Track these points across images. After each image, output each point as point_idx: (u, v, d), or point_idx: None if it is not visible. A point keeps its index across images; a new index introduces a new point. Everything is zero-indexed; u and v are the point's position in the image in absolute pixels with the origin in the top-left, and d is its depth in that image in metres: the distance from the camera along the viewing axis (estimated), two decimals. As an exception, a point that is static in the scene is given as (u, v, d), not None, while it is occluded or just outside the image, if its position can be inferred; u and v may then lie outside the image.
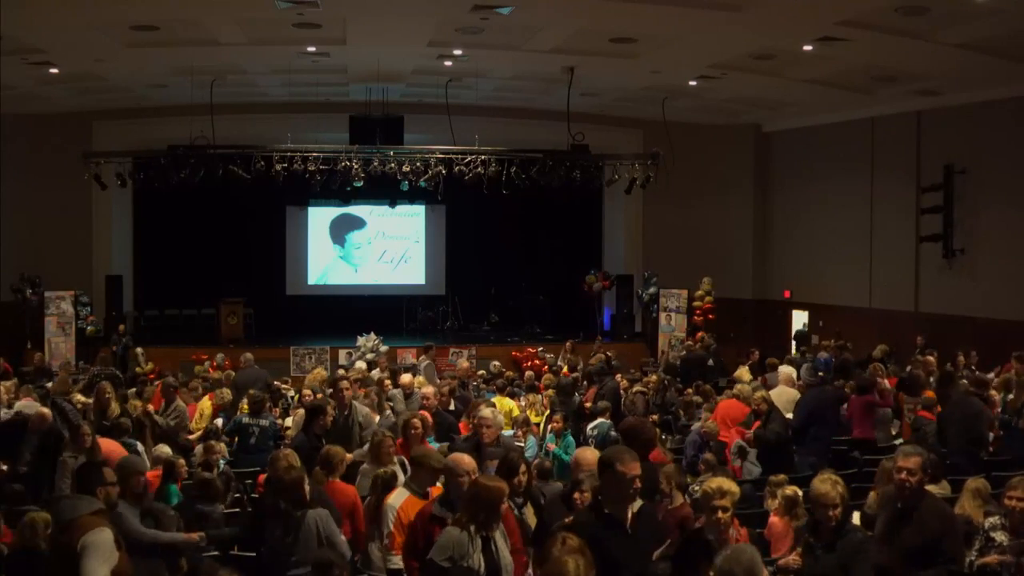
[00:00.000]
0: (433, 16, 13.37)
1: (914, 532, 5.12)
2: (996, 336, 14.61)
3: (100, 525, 4.67)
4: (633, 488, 4.78)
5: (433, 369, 15.19)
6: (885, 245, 18.54)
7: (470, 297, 22.69)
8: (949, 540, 5.17)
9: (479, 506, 4.89)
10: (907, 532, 5.15)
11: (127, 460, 6.53)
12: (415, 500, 5.68)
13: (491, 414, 7.25)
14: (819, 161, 20.10)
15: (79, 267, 19.61)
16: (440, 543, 4.86)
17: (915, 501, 5.20)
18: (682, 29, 13.64)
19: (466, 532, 4.83)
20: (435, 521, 5.16)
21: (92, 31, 13.55)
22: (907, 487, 5.21)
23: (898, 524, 5.23)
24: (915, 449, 5.44)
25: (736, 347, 20.41)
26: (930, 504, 5.30)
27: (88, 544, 4.54)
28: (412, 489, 5.80)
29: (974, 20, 12.39)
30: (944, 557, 5.09)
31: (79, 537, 4.58)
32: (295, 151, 16.80)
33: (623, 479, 4.75)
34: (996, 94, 15.67)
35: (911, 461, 5.23)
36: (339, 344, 18.80)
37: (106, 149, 17.86)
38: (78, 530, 4.62)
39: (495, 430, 7.11)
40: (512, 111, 20.28)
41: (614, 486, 4.80)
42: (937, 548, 5.09)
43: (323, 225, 22.92)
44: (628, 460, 4.80)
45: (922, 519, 5.15)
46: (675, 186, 18.83)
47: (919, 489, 5.25)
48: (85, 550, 4.53)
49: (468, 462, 5.46)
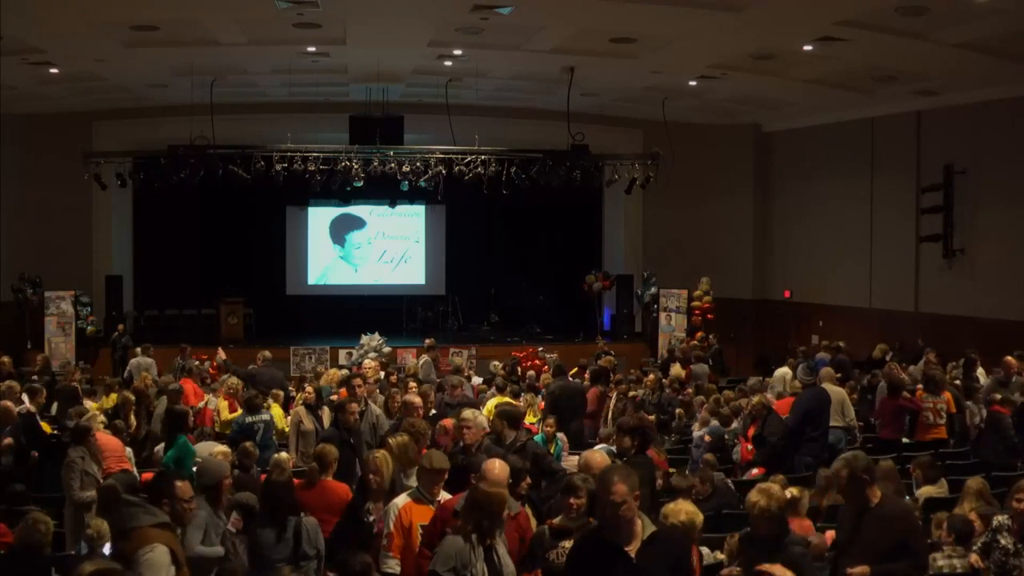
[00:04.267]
0: (433, 16, 13.37)
1: (878, 532, 5.09)
2: (996, 336, 14.60)
3: (157, 540, 4.54)
4: (620, 512, 4.23)
5: (431, 367, 15.12)
6: (885, 245, 18.54)
7: (470, 297, 22.69)
8: (913, 538, 5.15)
9: (482, 513, 4.80)
10: (871, 533, 5.12)
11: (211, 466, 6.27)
12: (417, 504, 5.58)
13: (472, 415, 7.15)
14: (819, 161, 20.10)
15: (79, 267, 19.61)
16: (443, 553, 4.77)
17: (864, 504, 5.18)
18: (682, 29, 13.63)
19: (468, 541, 4.75)
20: (457, 516, 5.07)
21: (92, 31, 13.55)
22: None
23: (861, 526, 5.19)
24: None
25: (736, 347, 20.47)
26: (892, 504, 5.29)
27: (143, 561, 4.46)
28: (416, 493, 5.69)
29: (974, 20, 12.39)
30: (910, 553, 5.06)
31: (135, 549, 4.49)
32: (295, 151, 16.81)
33: (604, 502, 4.28)
34: (996, 94, 15.67)
35: None
36: (339, 344, 18.81)
37: (106, 149, 17.87)
38: (135, 542, 4.53)
39: (476, 431, 6.99)
40: (512, 111, 20.28)
41: (600, 509, 4.37)
42: (904, 547, 5.06)
43: (323, 225, 22.92)
44: (613, 480, 4.27)
45: (886, 519, 5.13)
46: (675, 186, 18.82)
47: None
48: (139, 567, 4.46)
49: (500, 469, 5.32)
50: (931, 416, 10.52)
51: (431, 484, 5.72)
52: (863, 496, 5.18)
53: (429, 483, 5.72)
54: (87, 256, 20.02)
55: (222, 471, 6.06)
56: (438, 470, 5.75)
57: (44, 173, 19.01)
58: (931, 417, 10.52)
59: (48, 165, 18.93)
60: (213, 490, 5.99)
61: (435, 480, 5.74)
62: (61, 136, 18.93)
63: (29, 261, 18.81)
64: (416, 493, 5.70)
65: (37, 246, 19.01)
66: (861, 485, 5.18)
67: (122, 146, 18.05)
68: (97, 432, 8.44)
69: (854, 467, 5.19)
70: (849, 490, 5.23)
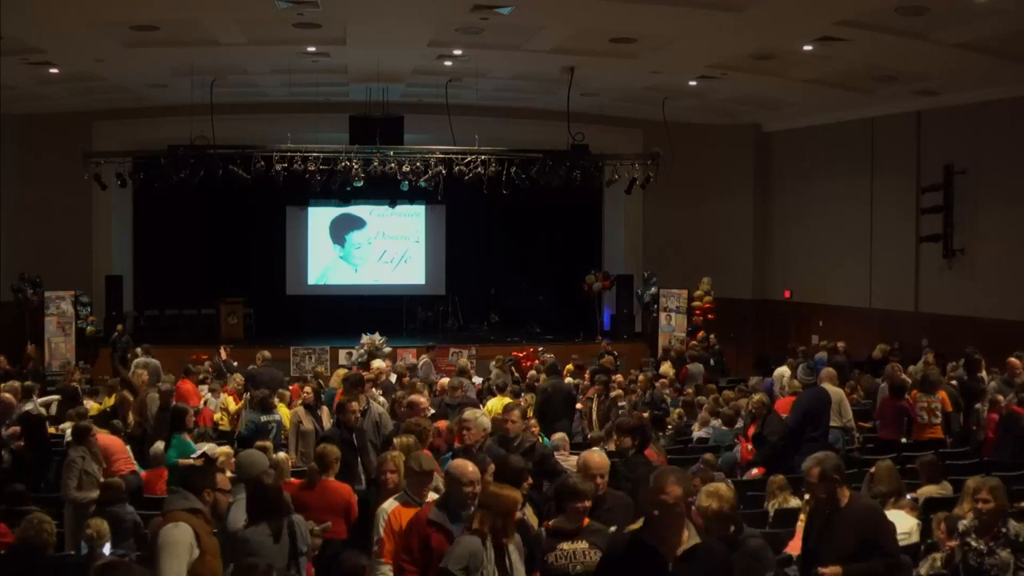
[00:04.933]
0: (433, 16, 13.37)
1: (849, 532, 5.06)
2: (996, 336, 14.60)
3: (181, 520, 4.57)
4: (672, 513, 4.16)
5: (430, 367, 15.21)
6: (885, 245, 18.54)
7: (470, 297, 22.67)
8: (883, 536, 5.12)
9: (495, 515, 4.71)
10: (841, 534, 5.08)
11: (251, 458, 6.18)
12: (406, 508, 5.47)
13: (473, 416, 7.05)
14: (819, 161, 20.10)
15: (79, 267, 19.61)
16: (456, 552, 4.66)
17: (833, 505, 5.16)
18: (682, 29, 13.63)
19: (482, 542, 4.65)
20: (432, 526, 4.97)
21: (92, 31, 13.55)
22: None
23: (831, 528, 5.15)
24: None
25: (736, 347, 20.48)
26: (861, 504, 5.27)
27: (162, 539, 4.49)
28: (404, 496, 5.59)
29: (974, 20, 12.39)
30: (881, 552, 5.03)
31: (161, 527, 4.55)
32: (295, 151, 16.82)
33: (655, 503, 4.19)
34: (996, 94, 15.67)
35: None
36: (339, 344, 18.80)
37: (106, 149, 17.87)
38: (161, 523, 4.57)
39: (477, 432, 6.88)
40: (512, 111, 20.28)
41: (649, 510, 4.27)
42: (874, 546, 5.03)
43: (323, 225, 22.92)
44: (669, 481, 4.21)
45: (855, 519, 5.10)
46: (675, 186, 18.82)
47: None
48: (159, 545, 4.49)
49: (473, 470, 5.19)
50: (925, 415, 10.52)
51: (419, 487, 5.62)
52: (833, 497, 5.15)
53: (417, 485, 5.62)
54: (87, 256, 20.02)
55: (261, 464, 6.06)
56: (427, 472, 5.65)
57: (44, 173, 19.00)
58: (925, 416, 10.52)
59: (48, 165, 18.93)
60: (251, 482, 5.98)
61: (423, 482, 5.64)
62: (61, 136, 18.92)
63: (29, 261, 18.80)
64: (404, 496, 5.59)
65: (37, 246, 19.00)
66: (832, 485, 5.14)
67: (122, 146, 18.06)
68: (99, 434, 8.44)
69: (825, 467, 5.15)
70: (820, 490, 5.18)
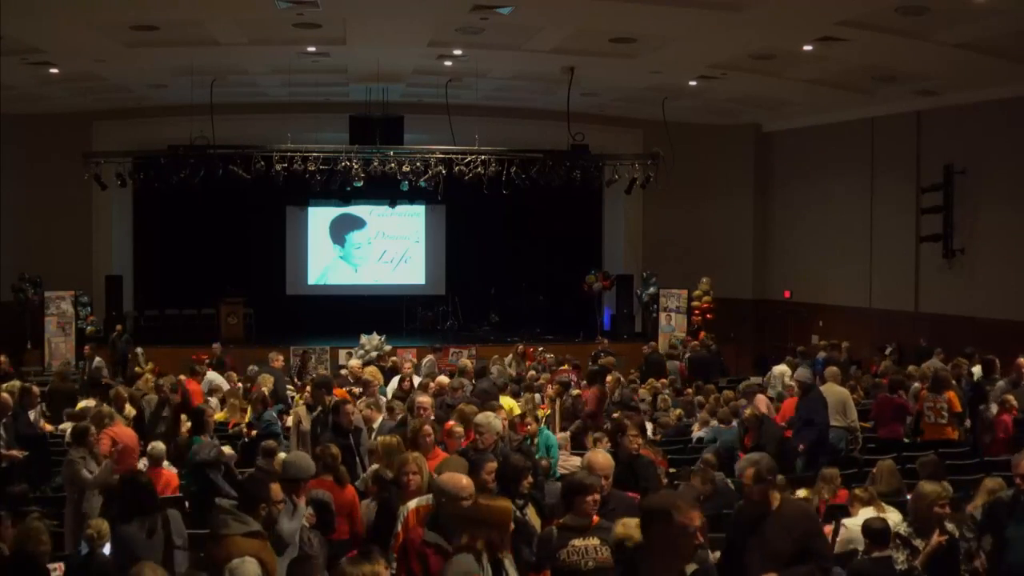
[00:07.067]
0: (433, 16, 13.37)
1: (782, 536, 4.99)
2: (996, 336, 14.61)
3: (248, 551, 4.50)
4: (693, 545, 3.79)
5: (433, 366, 15.20)
6: (885, 245, 18.55)
7: (470, 297, 22.68)
8: (817, 539, 5.07)
9: (489, 528, 4.57)
10: (775, 538, 5.01)
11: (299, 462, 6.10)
12: (424, 509, 5.47)
13: (485, 419, 6.94)
14: (819, 161, 20.11)
15: (79, 267, 19.62)
16: (450, 573, 4.48)
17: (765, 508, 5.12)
18: (682, 29, 13.64)
19: (476, 558, 4.50)
20: (427, 546, 4.85)
21: (92, 31, 13.55)
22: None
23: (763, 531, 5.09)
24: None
25: (736, 347, 20.48)
26: (792, 507, 5.24)
27: (231, 572, 4.45)
28: (426, 499, 5.56)
29: (974, 20, 12.40)
30: (814, 555, 4.97)
31: (226, 559, 4.48)
32: (295, 151, 16.81)
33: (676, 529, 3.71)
34: (996, 94, 15.67)
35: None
36: (339, 344, 18.79)
37: (106, 149, 17.86)
38: (225, 550, 4.51)
39: (490, 435, 6.83)
40: (512, 111, 20.28)
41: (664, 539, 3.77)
42: (807, 550, 4.97)
43: (323, 225, 22.93)
44: (685, 507, 3.77)
45: (787, 523, 5.04)
46: (675, 186, 18.82)
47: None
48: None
49: (468, 484, 5.09)
50: (932, 416, 10.52)
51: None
52: (765, 499, 5.11)
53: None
54: (87, 256, 20.03)
55: (309, 469, 6.04)
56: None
57: (44, 173, 19.02)
58: (932, 416, 10.53)
59: (48, 165, 18.94)
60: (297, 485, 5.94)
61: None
62: (61, 136, 18.94)
63: (29, 261, 18.82)
64: (427, 499, 5.59)
65: (37, 246, 19.02)
66: (765, 487, 5.11)
67: (122, 146, 18.05)
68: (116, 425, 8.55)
69: (759, 468, 5.12)
70: (753, 492, 5.14)
